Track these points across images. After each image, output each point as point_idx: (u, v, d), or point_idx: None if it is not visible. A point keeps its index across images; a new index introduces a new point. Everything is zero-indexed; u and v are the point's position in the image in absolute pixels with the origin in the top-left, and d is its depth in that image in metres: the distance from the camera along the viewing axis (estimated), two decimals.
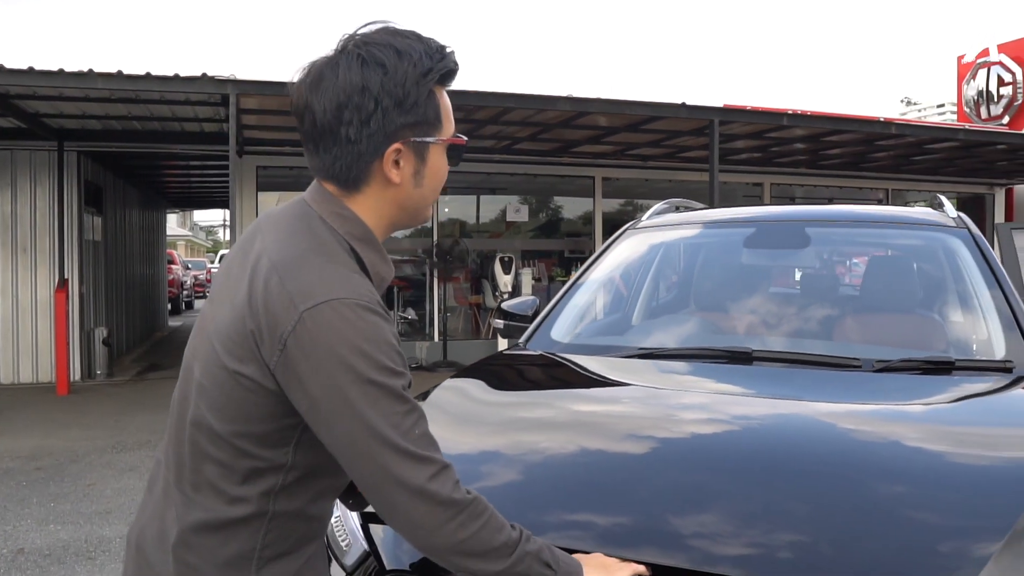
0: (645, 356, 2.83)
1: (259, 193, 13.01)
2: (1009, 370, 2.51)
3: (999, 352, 2.64)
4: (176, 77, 8.35)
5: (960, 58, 18.15)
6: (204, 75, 8.37)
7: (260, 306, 1.28)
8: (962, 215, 3.32)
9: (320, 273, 1.29)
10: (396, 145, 1.35)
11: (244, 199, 12.33)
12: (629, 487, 1.87)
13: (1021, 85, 16.51)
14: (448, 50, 1.40)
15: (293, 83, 1.40)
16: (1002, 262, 4.43)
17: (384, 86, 1.31)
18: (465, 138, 1.49)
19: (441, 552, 1.29)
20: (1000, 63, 16.89)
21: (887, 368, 2.53)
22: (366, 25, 1.40)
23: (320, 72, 1.34)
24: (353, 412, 1.23)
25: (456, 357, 12.64)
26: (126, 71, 8.30)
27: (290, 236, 1.35)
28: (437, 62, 1.37)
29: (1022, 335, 2.64)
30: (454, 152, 1.47)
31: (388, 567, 1.74)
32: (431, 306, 13.38)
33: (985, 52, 17.34)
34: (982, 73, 17.24)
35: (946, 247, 3.19)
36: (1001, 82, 16.84)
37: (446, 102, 1.44)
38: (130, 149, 11.84)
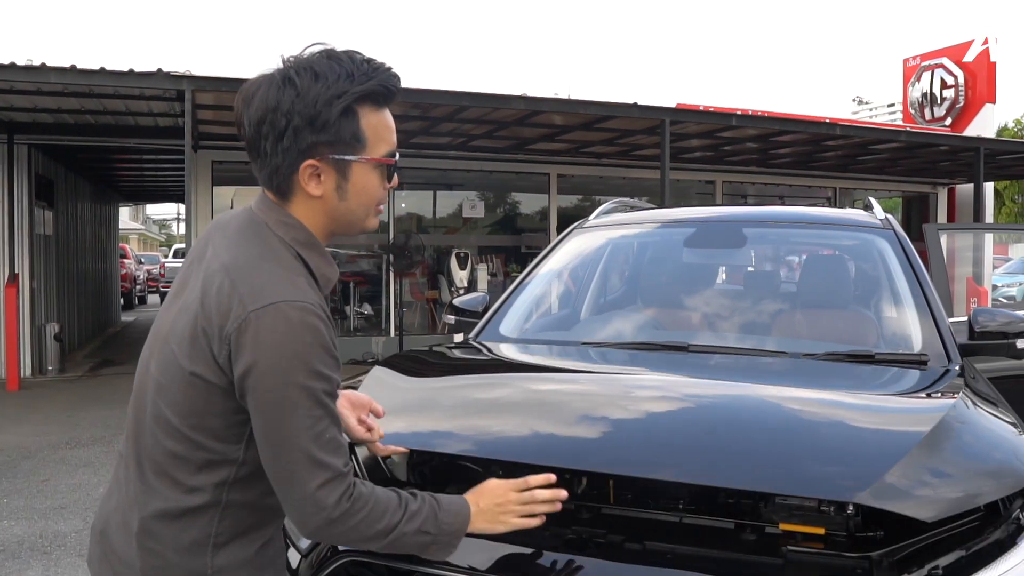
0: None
1: (214, 188, 12.94)
2: (924, 363, 2.70)
3: (916, 347, 2.83)
4: (131, 72, 8.31)
5: (906, 61, 18.65)
6: (160, 71, 8.34)
7: (212, 307, 1.41)
8: (889, 216, 3.52)
9: (269, 276, 1.41)
10: (311, 161, 1.44)
11: (199, 194, 12.26)
12: (538, 410, 2.28)
13: (962, 88, 17.04)
14: (379, 72, 1.47)
15: (236, 96, 1.52)
16: (929, 262, 4.67)
17: (295, 106, 1.41)
18: (394, 159, 1.53)
19: (319, 538, 1.54)
20: (943, 66, 17.40)
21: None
22: (310, 46, 1.49)
23: (254, 88, 1.46)
24: (277, 409, 1.37)
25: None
26: (80, 65, 8.24)
27: (240, 243, 1.48)
28: (357, 84, 1.43)
29: (938, 331, 2.84)
30: (388, 170, 1.53)
31: (340, 549, 1.86)
32: (387, 301, 13.44)
33: (929, 55, 17.84)
34: (926, 76, 17.75)
35: (873, 247, 3.39)
36: (944, 85, 17.36)
37: (375, 122, 1.49)
38: (83, 143, 11.72)
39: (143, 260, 30.75)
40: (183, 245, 24.66)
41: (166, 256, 29.43)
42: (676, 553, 1.75)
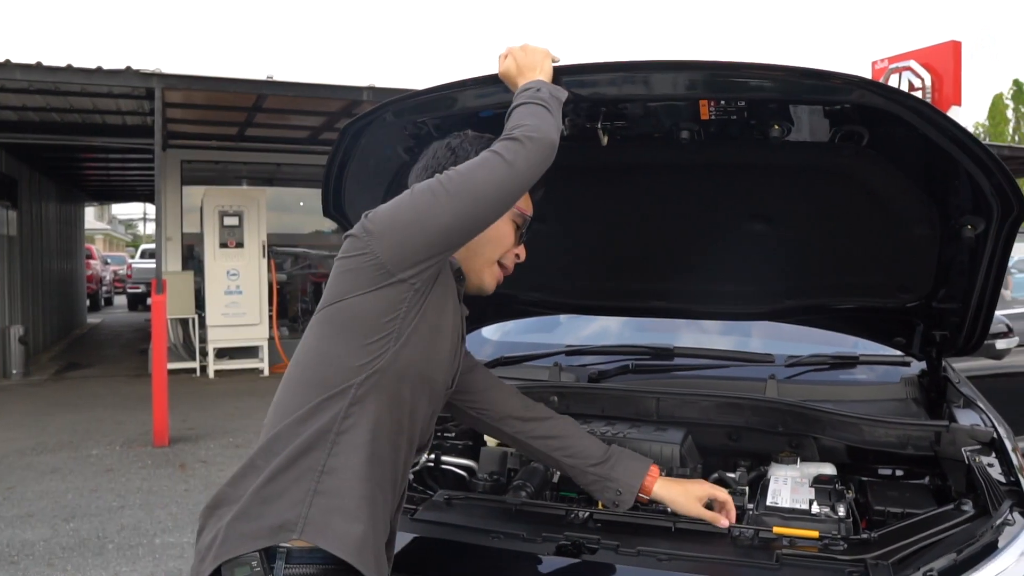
0: None
1: (183, 187, 12.81)
2: (907, 364, 2.72)
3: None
4: (99, 70, 8.17)
5: (874, 63, 18.89)
6: (129, 68, 8.21)
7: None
8: None
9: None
10: None
11: (168, 193, 12.11)
12: None
13: (929, 90, 17.29)
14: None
15: None
16: None
17: (461, 144, 1.82)
18: (526, 217, 1.87)
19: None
20: (910, 68, 17.65)
21: (797, 363, 2.74)
22: None
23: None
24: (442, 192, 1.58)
25: None
26: (46, 62, 8.08)
27: None
28: None
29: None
30: (523, 226, 1.87)
31: None
32: None
33: (897, 58, 18.09)
34: (894, 77, 17.97)
35: None
36: (911, 87, 17.56)
37: None
38: (48, 141, 11.49)
39: (109, 261, 30.26)
40: (151, 245, 24.22)
41: (133, 257, 28.89)
42: (670, 555, 1.74)
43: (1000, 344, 3.07)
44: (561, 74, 1.90)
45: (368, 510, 1.50)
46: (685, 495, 1.95)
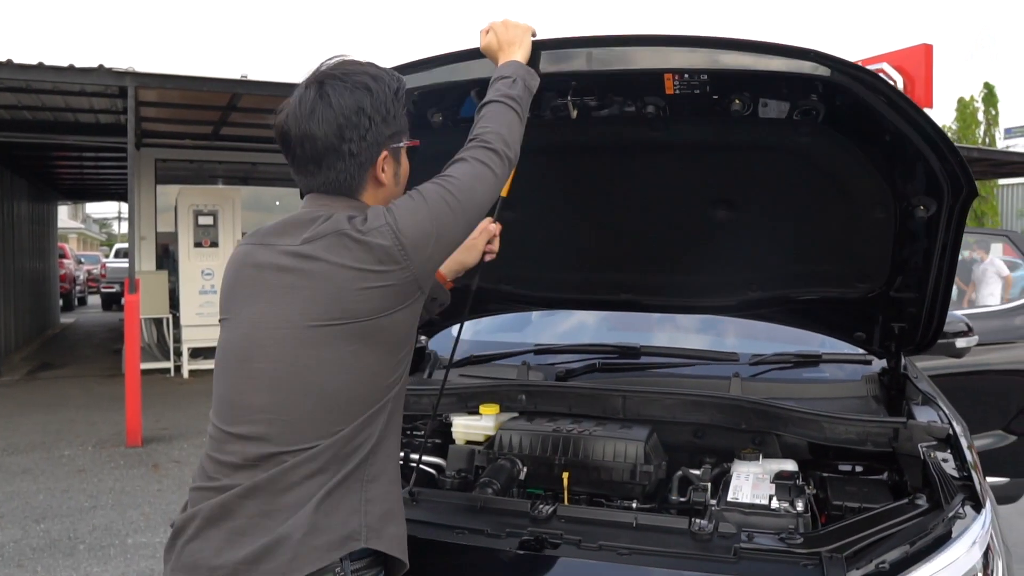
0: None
1: (157, 186, 12.72)
2: (869, 362, 2.78)
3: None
4: (72, 68, 8.09)
5: None
6: (101, 67, 8.14)
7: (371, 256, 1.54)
8: None
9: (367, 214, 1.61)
10: (385, 152, 1.66)
11: (142, 192, 12.03)
12: None
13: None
14: (396, 73, 1.73)
15: (281, 120, 1.65)
16: None
17: (373, 105, 1.62)
18: (418, 140, 1.78)
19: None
20: (883, 71, 17.85)
21: (761, 362, 2.79)
22: (329, 60, 1.69)
23: (312, 104, 1.61)
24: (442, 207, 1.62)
25: None
26: (17, 60, 8.00)
27: (335, 221, 1.59)
28: (400, 82, 1.70)
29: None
30: (411, 152, 1.78)
31: None
32: None
33: (870, 60, 18.29)
34: None
35: None
36: None
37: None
38: (19, 139, 11.37)
39: (83, 260, 29.94)
40: (125, 244, 24.00)
41: (107, 256, 28.59)
42: (631, 550, 1.78)
43: (960, 343, 3.13)
44: (535, 48, 1.98)
45: (402, 507, 1.65)
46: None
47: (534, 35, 1.98)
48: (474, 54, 2.03)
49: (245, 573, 1.47)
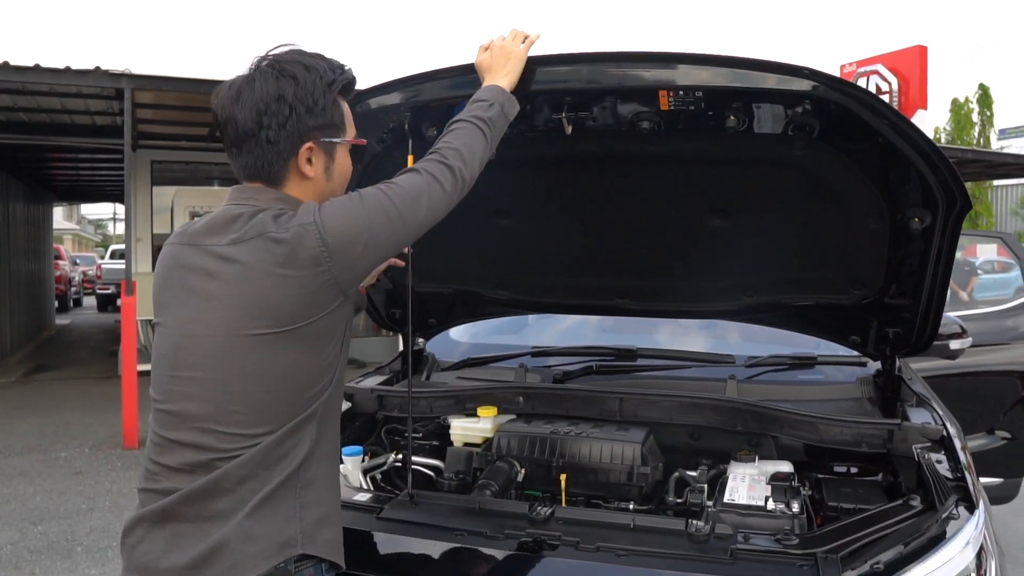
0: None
1: (154, 187, 12.70)
2: (863, 364, 2.80)
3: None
4: (68, 70, 8.08)
5: (843, 67, 19.15)
6: (98, 68, 8.13)
7: (294, 259, 1.51)
8: None
9: (294, 213, 1.56)
10: (309, 144, 1.61)
11: (138, 194, 12.01)
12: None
13: (896, 94, 17.56)
14: (347, 68, 1.68)
15: (215, 100, 1.63)
16: None
17: (297, 94, 1.58)
18: (364, 140, 1.76)
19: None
20: (878, 72, 17.92)
21: (756, 364, 2.81)
22: (276, 48, 1.65)
23: (240, 85, 1.60)
24: (380, 213, 1.58)
25: (357, 354, 12.63)
26: (13, 62, 7.99)
27: (257, 223, 1.56)
28: (339, 75, 1.65)
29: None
30: (356, 152, 1.75)
31: None
32: None
33: (865, 62, 18.35)
34: (862, 81, 18.24)
35: None
36: (879, 91, 17.86)
37: (346, 110, 1.70)
38: (15, 141, 11.34)
39: (78, 261, 29.89)
40: (121, 246, 23.94)
41: (102, 257, 28.52)
42: (628, 551, 1.79)
43: (954, 344, 3.16)
44: (529, 64, 1.98)
45: (338, 510, 1.64)
46: None
47: (529, 65, 1.97)
48: (468, 70, 2.04)
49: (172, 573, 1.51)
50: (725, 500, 2.09)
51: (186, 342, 1.57)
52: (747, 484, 2.17)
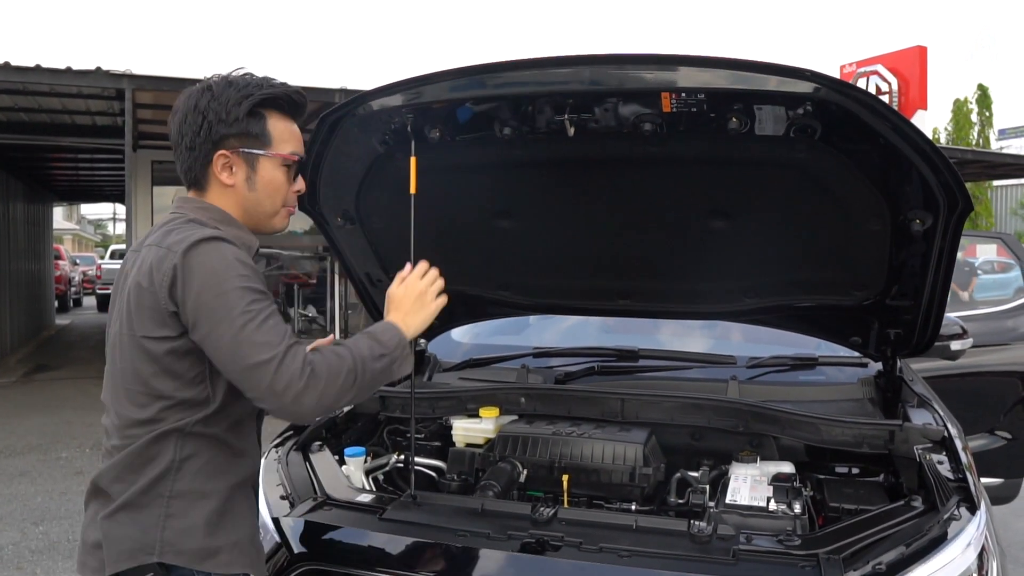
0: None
1: (154, 188, 12.70)
2: (865, 365, 2.81)
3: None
4: (69, 70, 8.09)
5: (843, 67, 19.16)
6: (99, 69, 8.14)
7: (149, 273, 1.58)
8: None
9: (189, 232, 1.60)
10: (222, 152, 1.68)
11: (139, 194, 12.00)
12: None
13: (896, 94, 17.57)
14: (285, 86, 1.74)
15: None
16: None
17: (211, 105, 1.68)
18: (297, 156, 1.76)
19: (306, 416, 1.60)
20: (878, 73, 17.93)
21: (758, 365, 2.81)
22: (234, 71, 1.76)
23: (181, 98, 1.75)
24: (219, 312, 1.52)
25: None
26: (14, 62, 8.00)
27: (163, 229, 1.66)
28: (259, 90, 1.70)
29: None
30: (294, 170, 1.77)
31: (296, 554, 1.88)
32: (332, 303, 13.32)
33: (865, 62, 18.36)
34: (862, 81, 18.26)
35: None
36: (878, 91, 17.88)
37: (281, 127, 1.74)
38: (15, 141, 11.35)
39: (78, 261, 29.84)
40: (121, 246, 23.94)
41: (102, 257, 28.49)
42: (631, 552, 1.80)
43: (955, 345, 3.16)
44: (531, 68, 1.98)
45: (217, 524, 1.62)
46: None
47: (433, 317, 1.85)
48: (470, 71, 2.05)
49: (94, 557, 1.62)
50: (727, 501, 2.10)
51: (112, 340, 1.70)
52: (749, 485, 2.18)
